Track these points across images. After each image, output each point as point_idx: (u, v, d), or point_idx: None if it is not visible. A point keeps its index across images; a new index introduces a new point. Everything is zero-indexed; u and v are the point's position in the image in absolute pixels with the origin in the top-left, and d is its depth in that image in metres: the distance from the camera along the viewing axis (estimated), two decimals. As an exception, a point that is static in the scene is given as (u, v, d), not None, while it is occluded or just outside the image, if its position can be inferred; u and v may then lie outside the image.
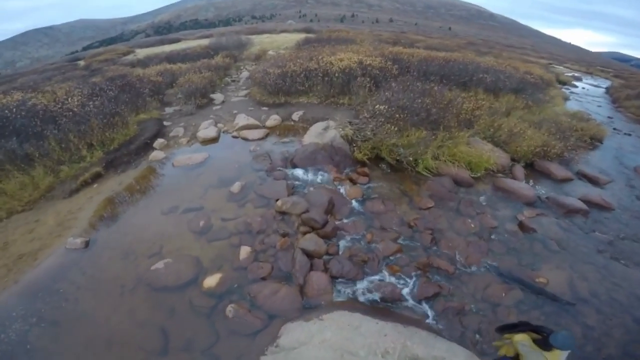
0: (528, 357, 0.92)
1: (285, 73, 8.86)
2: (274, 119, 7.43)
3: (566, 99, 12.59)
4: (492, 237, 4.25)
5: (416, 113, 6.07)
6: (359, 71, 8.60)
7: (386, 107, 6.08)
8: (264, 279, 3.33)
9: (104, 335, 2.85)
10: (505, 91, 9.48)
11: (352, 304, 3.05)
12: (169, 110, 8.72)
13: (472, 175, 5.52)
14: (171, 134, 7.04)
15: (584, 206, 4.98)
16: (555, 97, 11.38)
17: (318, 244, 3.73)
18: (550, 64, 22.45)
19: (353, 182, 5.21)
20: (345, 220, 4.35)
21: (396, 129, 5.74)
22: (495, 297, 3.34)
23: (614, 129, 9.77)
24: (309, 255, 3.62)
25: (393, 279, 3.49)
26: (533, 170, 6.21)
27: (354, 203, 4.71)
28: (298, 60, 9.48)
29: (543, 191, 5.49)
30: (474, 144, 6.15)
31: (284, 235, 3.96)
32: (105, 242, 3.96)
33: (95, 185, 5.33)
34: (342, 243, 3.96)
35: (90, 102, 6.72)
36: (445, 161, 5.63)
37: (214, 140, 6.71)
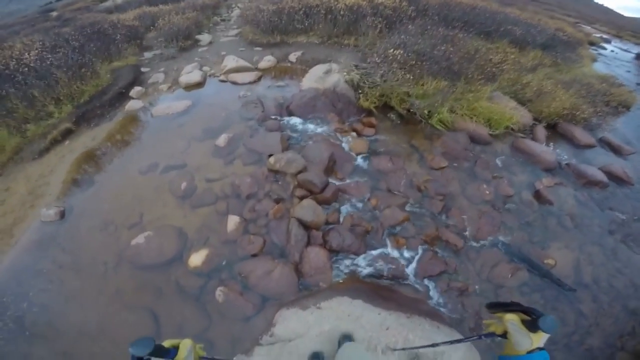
0: (515, 335, 0.96)
1: (282, 10, 7.56)
2: (267, 60, 6.52)
3: (594, 60, 11.47)
4: (507, 206, 3.89)
5: (436, 61, 5.22)
6: (369, 10, 7.33)
7: (401, 51, 5.19)
8: (255, 255, 2.99)
9: (95, 319, 2.65)
10: (532, 46, 8.40)
11: (353, 286, 2.78)
12: (148, 55, 7.63)
13: (491, 133, 4.97)
14: (150, 81, 6.21)
15: (604, 178, 4.55)
16: (584, 58, 10.28)
17: (316, 213, 3.29)
18: (578, 22, 19.91)
19: (358, 133, 4.66)
20: (347, 180, 3.89)
21: (411, 76, 4.97)
22: (501, 277, 3.09)
23: (643, 96, 8.89)
24: (306, 226, 3.22)
25: (397, 253, 3.18)
26: (555, 132, 5.62)
27: (359, 159, 4.22)
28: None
29: (564, 156, 5.01)
30: (497, 100, 5.46)
31: (278, 200, 3.51)
32: (81, 211, 3.57)
33: (66, 143, 4.75)
34: (343, 209, 3.55)
35: (50, 55, 5.89)
36: (462, 115, 5.01)
37: (199, 85, 5.94)
